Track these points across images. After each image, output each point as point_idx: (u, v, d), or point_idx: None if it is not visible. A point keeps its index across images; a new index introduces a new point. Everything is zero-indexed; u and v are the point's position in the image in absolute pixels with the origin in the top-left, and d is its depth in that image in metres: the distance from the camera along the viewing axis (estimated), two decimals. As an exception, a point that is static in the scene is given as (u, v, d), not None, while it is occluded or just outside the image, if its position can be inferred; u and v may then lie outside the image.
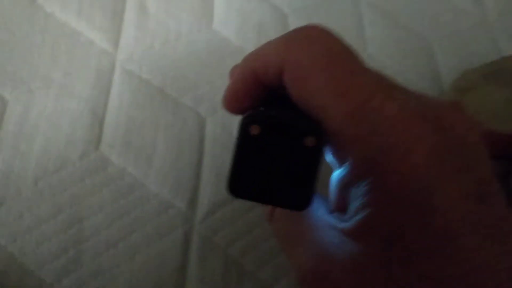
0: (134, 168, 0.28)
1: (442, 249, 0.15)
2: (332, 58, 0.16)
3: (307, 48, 0.16)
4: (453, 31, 0.38)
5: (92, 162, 0.28)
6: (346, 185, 0.16)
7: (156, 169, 0.28)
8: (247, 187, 0.15)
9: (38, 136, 0.28)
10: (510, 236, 0.15)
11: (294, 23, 0.35)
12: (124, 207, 0.27)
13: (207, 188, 0.28)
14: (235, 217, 0.27)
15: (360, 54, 0.35)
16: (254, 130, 0.15)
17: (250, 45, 0.33)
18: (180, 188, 0.28)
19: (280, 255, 0.27)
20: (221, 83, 0.32)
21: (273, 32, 0.34)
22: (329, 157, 0.17)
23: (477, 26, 0.38)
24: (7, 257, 0.25)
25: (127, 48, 0.32)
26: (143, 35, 0.33)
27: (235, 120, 0.30)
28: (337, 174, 0.17)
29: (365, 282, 0.15)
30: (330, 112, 0.15)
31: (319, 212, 0.18)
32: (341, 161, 0.16)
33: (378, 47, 0.36)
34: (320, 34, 0.17)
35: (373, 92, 0.15)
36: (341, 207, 0.17)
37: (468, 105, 0.28)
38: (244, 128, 0.15)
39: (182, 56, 0.32)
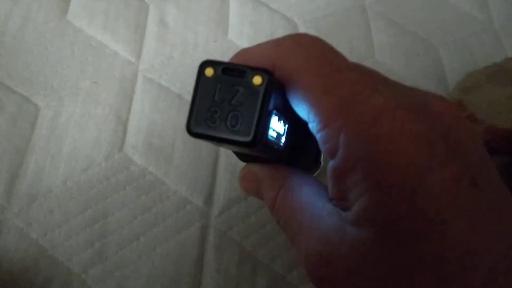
0: (154, 167, 0.30)
1: (434, 232, 0.15)
2: (319, 58, 0.17)
3: (296, 51, 0.17)
4: (459, 37, 0.39)
5: (116, 162, 0.30)
6: (340, 175, 0.17)
7: (175, 168, 0.30)
8: (203, 126, 0.16)
9: (67, 139, 0.30)
10: (504, 219, 0.16)
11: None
12: (146, 204, 0.29)
13: (223, 186, 0.29)
14: (249, 212, 0.29)
15: (368, 60, 0.36)
16: (209, 72, 0.16)
17: (263, 53, 0.35)
18: (197, 185, 0.29)
19: (291, 248, 0.28)
20: (236, 89, 0.33)
21: (284, 41, 0.36)
22: (323, 148, 0.17)
23: (483, 31, 0.39)
24: (38, 250, 0.27)
25: (149, 58, 0.34)
26: (163, 46, 0.35)
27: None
28: (331, 163, 0.17)
29: (365, 267, 0.16)
30: (319, 107, 0.16)
31: (320, 200, 0.18)
32: (333, 153, 0.17)
33: (385, 53, 0.37)
34: (308, 39, 0.18)
35: (360, 86, 0.16)
36: (338, 196, 0.18)
37: (471, 103, 0.29)
38: (200, 71, 0.16)
39: (198, 65, 0.34)
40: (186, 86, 0.33)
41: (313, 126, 0.17)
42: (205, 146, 0.31)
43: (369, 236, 0.16)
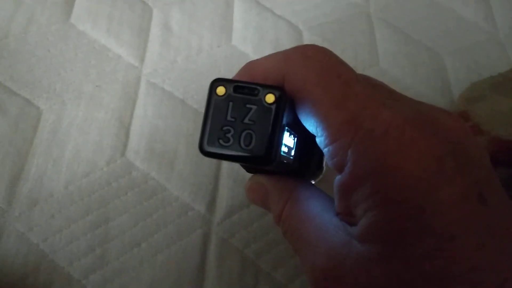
0: (157, 173, 0.29)
1: (442, 250, 0.15)
2: (328, 72, 0.17)
3: (304, 64, 0.17)
4: (464, 46, 0.39)
5: (118, 167, 0.29)
6: (347, 189, 0.17)
7: (177, 174, 0.30)
8: (217, 146, 0.16)
9: (69, 143, 0.30)
10: (510, 234, 0.15)
11: (309, 39, 0.37)
12: (147, 209, 0.28)
13: (225, 192, 0.29)
14: (251, 220, 0.29)
15: (372, 68, 0.36)
16: (220, 91, 0.16)
17: (267, 59, 0.35)
18: (199, 192, 0.29)
19: (294, 257, 0.28)
20: (239, 95, 0.33)
21: (288, 48, 0.36)
22: (330, 162, 0.17)
23: (488, 40, 0.39)
24: (39, 255, 0.27)
25: (152, 63, 0.34)
26: (166, 50, 0.35)
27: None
28: (338, 178, 0.17)
29: (372, 283, 0.16)
30: (327, 122, 0.16)
31: (326, 214, 0.18)
32: (340, 167, 0.17)
33: (390, 61, 0.37)
34: (316, 51, 0.18)
35: (368, 101, 0.16)
36: (345, 210, 0.17)
37: (476, 113, 0.29)
38: (211, 89, 0.16)
39: (202, 70, 0.34)
40: (189, 91, 0.33)
41: (320, 140, 0.17)
42: (208, 152, 0.31)
43: (376, 252, 0.16)
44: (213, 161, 0.30)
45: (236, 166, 0.30)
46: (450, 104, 0.35)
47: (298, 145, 0.19)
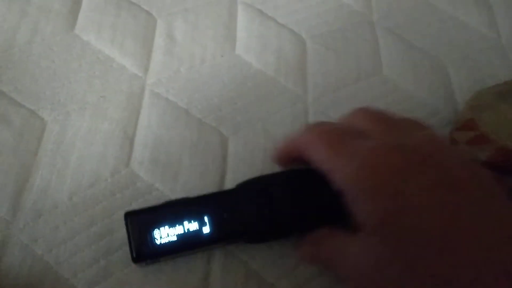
0: (161, 183, 0.29)
1: (417, 228, 0.19)
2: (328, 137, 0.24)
3: (310, 135, 0.25)
4: (468, 53, 0.39)
5: (123, 178, 0.30)
6: (349, 205, 0.22)
7: (181, 184, 0.30)
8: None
9: (73, 154, 0.30)
10: (486, 213, 0.19)
11: (312, 48, 0.37)
12: (152, 220, 0.28)
13: (229, 203, 0.29)
14: (256, 231, 0.29)
15: (376, 76, 0.36)
16: None
17: (270, 68, 0.35)
18: (204, 202, 0.29)
19: (297, 269, 0.28)
20: (243, 104, 0.33)
21: (291, 57, 0.36)
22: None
23: (492, 48, 0.39)
24: (43, 266, 0.27)
25: (156, 73, 0.34)
26: (170, 60, 0.35)
27: (256, 139, 0.32)
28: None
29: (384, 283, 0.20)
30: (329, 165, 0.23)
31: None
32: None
33: (393, 69, 0.37)
34: (321, 123, 0.27)
35: (357, 142, 0.23)
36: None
37: (483, 122, 0.29)
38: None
39: (206, 80, 0.34)
40: (193, 101, 0.33)
41: (327, 175, 0.23)
42: (211, 162, 0.31)
43: (371, 241, 0.21)
44: (218, 172, 0.30)
45: (240, 177, 0.30)
46: (454, 112, 0.35)
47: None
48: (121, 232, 0.28)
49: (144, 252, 0.24)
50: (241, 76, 0.35)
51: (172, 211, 0.25)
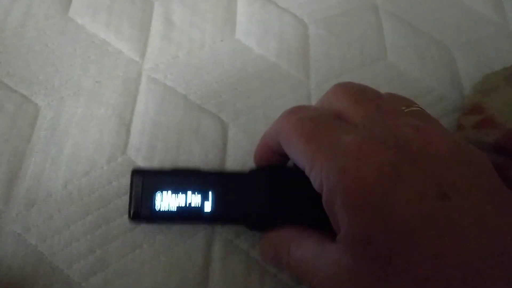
0: (159, 171, 0.28)
1: (404, 242, 0.17)
2: (301, 117, 0.22)
3: (286, 124, 0.22)
4: (474, 38, 0.38)
5: (119, 166, 0.29)
6: (328, 205, 0.19)
7: (180, 172, 0.29)
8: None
9: (68, 141, 0.29)
10: (473, 227, 0.16)
11: (314, 33, 0.36)
12: (149, 209, 0.27)
13: (230, 191, 0.28)
14: (257, 220, 0.28)
15: (380, 62, 0.35)
16: None
17: (272, 53, 0.34)
18: (203, 191, 0.28)
19: (301, 258, 0.27)
20: (243, 90, 0.32)
21: (293, 41, 0.35)
22: (315, 187, 0.20)
23: (498, 33, 0.38)
24: (37, 257, 0.26)
25: (153, 58, 0.33)
26: (168, 45, 0.34)
27: (257, 125, 0.31)
28: (322, 199, 0.20)
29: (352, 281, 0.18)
30: (304, 155, 0.20)
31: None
32: (321, 189, 0.20)
33: (398, 54, 0.36)
34: (297, 108, 0.23)
35: (331, 131, 0.20)
36: (334, 225, 0.20)
37: (490, 105, 0.28)
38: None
39: (205, 65, 0.33)
40: (192, 87, 0.32)
41: (306, 172, 0.20)
42: (211, 149, 0.30)
43: (350, 253, 0.18)
44: (217, 159, 0.29)
45: (241, 165, 0.29)
46: (460, 97, 0.34)
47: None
48: (118, 221, 0.27)
49: (141, 213, 0.24)
50: (241, 61, 0.34)
51: (178, 178, 0.24)
